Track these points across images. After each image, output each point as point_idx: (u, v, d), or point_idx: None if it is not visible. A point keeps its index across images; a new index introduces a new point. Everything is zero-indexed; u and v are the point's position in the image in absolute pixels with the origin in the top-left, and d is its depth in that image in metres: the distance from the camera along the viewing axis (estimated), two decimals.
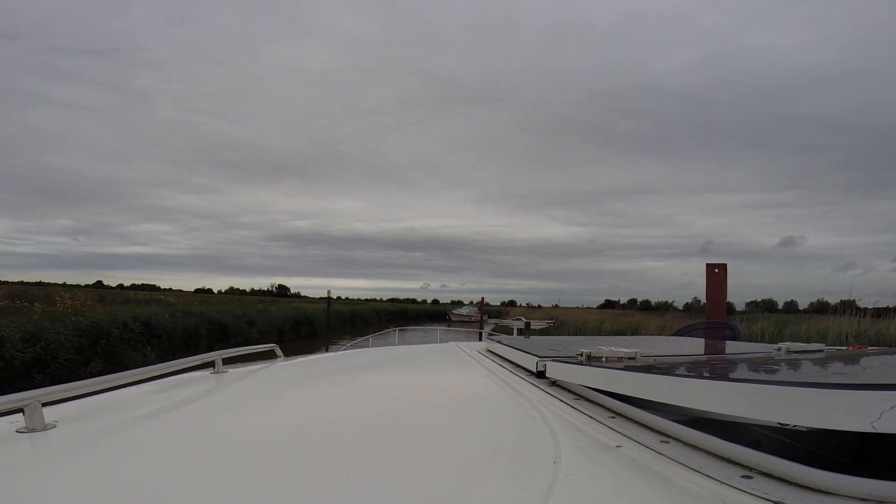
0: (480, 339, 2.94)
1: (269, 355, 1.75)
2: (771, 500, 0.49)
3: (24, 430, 0.75)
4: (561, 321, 18.47)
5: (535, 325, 15.92)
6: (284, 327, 20.01)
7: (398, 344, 3.87)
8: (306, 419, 0.90)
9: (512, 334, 3.93)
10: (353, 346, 4.38)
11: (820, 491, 0.49)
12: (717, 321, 6.31)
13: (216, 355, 1.37)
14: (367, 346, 4.20)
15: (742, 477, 0.55)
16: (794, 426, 0.62)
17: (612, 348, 1.17)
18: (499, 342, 1.80)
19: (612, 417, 0.83)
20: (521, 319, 18.02)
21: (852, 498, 0.47)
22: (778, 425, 0.63)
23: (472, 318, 34.55)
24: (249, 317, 17.64)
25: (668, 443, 0.68)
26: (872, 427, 0.46)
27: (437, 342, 2.95)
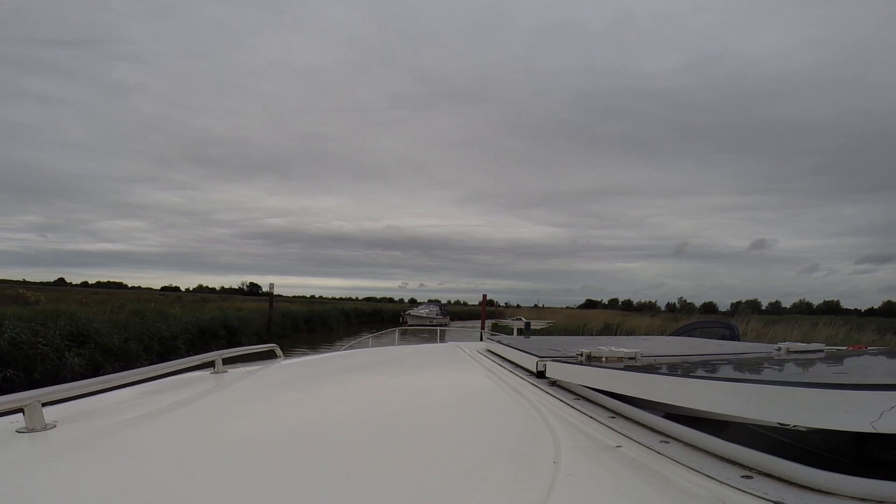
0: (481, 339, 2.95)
1: (269, 355, 1.75)
2: (771, 500, 0.49)
3: (24, 430, 0.75)
4: (629, 328, 14.26)
5: (536, 324, 15.65)
6: (177, 341, 11.68)
7: (398, 344, 3.88)
8: (306, 419, 0.91)
9: (512, 334, 3.93)
10: (353, 346, 4.38)
11: (820, 491, 0.49)
12: (717, 321, 6.33)
13: (216, 355, 1.37)
14: (367, 347, 4.20)
15: (742, 477, 0.55)
16: (794, 426, 0.62)
17: (612, 348, 1.17)
18: (499, 342, 1.80)
19: (612, 417, 0.83)
20: (521, 319, 17.81)
21: (852, 498, 0.48)
22: (778, 425, 0.63)
23: (434, 321, 26.56)
24: (90, 327, 9.12)
25: (668, 443, 0.68)
26: (872, 427, 0.46)
27: (437, 342, 2.96)
